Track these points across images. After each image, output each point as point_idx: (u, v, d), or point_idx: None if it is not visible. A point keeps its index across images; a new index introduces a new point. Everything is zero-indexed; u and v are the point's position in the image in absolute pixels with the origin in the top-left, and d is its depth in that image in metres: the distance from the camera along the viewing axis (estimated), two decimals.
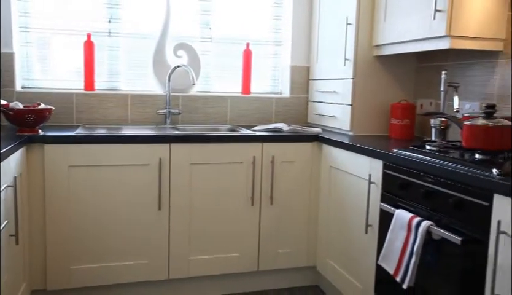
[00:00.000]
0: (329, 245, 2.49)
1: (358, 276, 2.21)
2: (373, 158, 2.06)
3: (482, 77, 2.22)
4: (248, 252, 2.52)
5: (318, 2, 2.95)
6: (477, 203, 1.50)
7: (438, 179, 1.67)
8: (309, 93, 3.11)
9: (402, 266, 1.76)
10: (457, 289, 1.59)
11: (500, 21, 2.08)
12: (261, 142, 2.47)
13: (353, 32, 2.54)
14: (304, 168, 2.57)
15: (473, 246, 1.51)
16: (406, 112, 2.48)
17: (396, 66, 2.64)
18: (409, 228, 1.73)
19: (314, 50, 3.03)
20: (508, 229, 1.38)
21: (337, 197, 2.40)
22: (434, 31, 2.07)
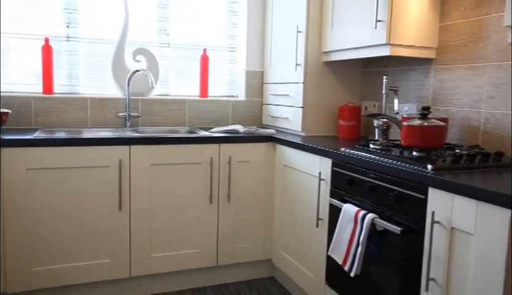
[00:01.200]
0: (284, 239, 2.52)
1: (310, 266, 2.25)
2: (323, 156, 2.11)
3: (419, 82, 2.32)
4: (208, 248, 2.52)
5: (271, 11, 2.98)
6: (414, 196, 1.57)
7: (381, 175, 1.74)
8: (263, 96, 3.13)
9: (349, 256, 1.81)
10: (398, 275, 1.66)
11: (433, 32, 2.18)
12: (218, 143, 2.47)
13: (303, 39, 2.58)
14: (260, 167, 2.59)
15: (411, 235, 1.58)
16: (352, 114, 2.55)
17: (343, 71, 2.71)
18: (356, 221, 1.78)
19: (267, 56, 3.06)
20: (441, 219, 1.45)
21: (290, 194, 2.44)
22: (375, 39, 2.14)
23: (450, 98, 2.12)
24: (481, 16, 1.96)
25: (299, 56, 2.62)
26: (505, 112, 1.86)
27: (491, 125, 1.93)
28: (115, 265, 2.32)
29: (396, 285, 1.66)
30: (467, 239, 1.37)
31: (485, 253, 1.30)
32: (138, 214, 2.33)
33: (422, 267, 1.54)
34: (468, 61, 2.03)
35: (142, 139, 2.31)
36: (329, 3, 2.50)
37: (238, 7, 3.12)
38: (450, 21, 2.12)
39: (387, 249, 1.70)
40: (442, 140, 1.79)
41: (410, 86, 2.37)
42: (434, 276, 1.49)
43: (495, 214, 1.27)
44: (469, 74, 2.02)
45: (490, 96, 1.93)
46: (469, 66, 2.02)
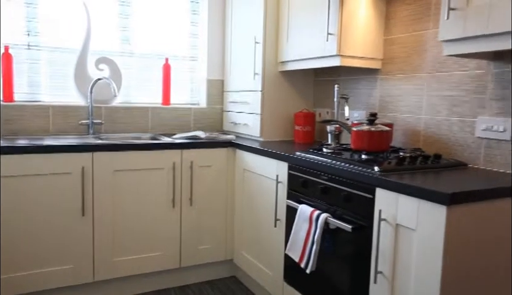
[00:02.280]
0: (244, 239, 2.53)
1: (269, 265, 2.27)
2: (280, 160, 2.14)
3: (367, 90, 2.40)
4: (171, 250, 2.49)
5: (230, 23, 3.00)
6: (363, 196, 1.62)
7: (333, 177, 1.78)
8: (223, 103, 3.14)
9: (305, 254, 1.84)
10: (349, 269, 1.70)
11: (378, 44, 2.26)
12: (180, 149, 2.46)
13: (261, 50, 2.61)
14: (220, 171, 2.60)
15: (361, 232, 1.63)
16: (307, 120, 2.60)
17: (298, 80, 2.77)
18: (311, 221, 1.82)
19: (227, 65, 3.07)
20: (387, 217, 1.51)
21: (250, 196, 2.46)
22: (327, 50, 2.20)
23: (395, 105, 2.21)
24: (420, 31, 2.06)
25: (257, 66, 2.65)
26: (442, 118, 1.96)
27: (430, 129, 2.02)
28: (78, 270, 2.25)
29: (348, 279, 1.71)
30: (410, 235, 1.43)
31: (426, 246, 1.37)
32: (101, 219, 2.28)
33: (370, 261, 1.59)
34: (409, 71, 2.13)
35: (104, 145, 2.26)
36: (284, 17, 2.55)
37: (199, 18, 3.11)
38: (394, 35, 2.21)
39: (340, 246, 1.75)
40: (387, 143, 1.86)
41: (359, 94, 2.45)
42: (381, 269, 1.54)
43: (434, 211, 1.33)
44: (411, 83, 2.12)
45: (429, 104, 2.02)
46: (411, 76, 2.12)
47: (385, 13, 2.26)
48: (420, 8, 2.05)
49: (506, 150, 1.70)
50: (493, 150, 1.75)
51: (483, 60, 1.78)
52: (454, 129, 1.91)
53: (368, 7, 2.20)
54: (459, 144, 1.88)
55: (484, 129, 1.77)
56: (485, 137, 1.77)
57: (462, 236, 1.34)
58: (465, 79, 1.86)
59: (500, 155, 1.73)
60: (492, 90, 1.76)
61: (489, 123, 1.75)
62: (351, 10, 2.15)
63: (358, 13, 2.17)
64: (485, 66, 1.78)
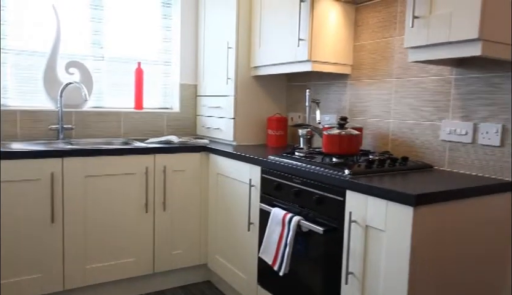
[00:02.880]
0: (218, 243, 2.53)
1: (243, 268, 2.27)
2: (253, 164, 2.15)
3: (337, 95, 2.45)
4: (144, 256, 2.45)
5: (203, 28, 2.99)
6: (334, 199, 1.65)
7: (305, 180, 1.80)
8: (197, 108, 3.13)
9: (278, 256, 1.85)
10: (321, 271, 1.73)
11: (348, 50, 2.31)
12: (153, 154, 2.43)
13: (234, 55, 2.62)
14: (194, 176, 2.59)
15: (332, 234, 1.65)
16: (279, 124, 2.62)
17: (270, 85, 2.79)
18: (283, 224, 1.83)
19: (200, 70, 3.06)
20: (357, 218, 1.54)
21: (223, 200, 2.46)
22: (298, 56, 2.23)
23: (364, 109, 2.26)
24: (388, 37, 2.12)
25: (230, 71, 2.66)
26: (409, 122, 2.01)
27: (398, 133, 2.08)
28: (48, 278, 2.19)
29: (320, 280, 1.73)
30: (379, 235, 1.46)
31: (394, 246, 1.40)
32: (72, 226, 2.23)
33: (342, 262, 1.61)
34: (377, 77, 2.18)
35: (75, 151, 2.21)
36: (256, 22, 2.57)
37: (171, 23, 3.10)
38: (363, 41, 2.27)
39: (312, 248, 1.77)
40: (357, 147, 1.89)
41: (330, 98, 2.49)
42: (352, 270, 1.57)
43: (401, 212, 1.37)
44: (379, 88, 2.17)
45: (396, 108, 2.08)
46: (379, 81, 2.17)
47: (354, 20, 2.31)
48: (387, 15, 2.11)
49: (468, 153, 1.77)
50: (457, 153, 1.81)
51: (447, 66, 1.85)
52: (420, 132, 1.96)
53: (337, 13, 2.25)
54: (425, 147, 1.94)
55: (448, 133, 1.84)
56: (449, 140, 1.84)
57: (428, 236, 1.39)
58: (430, 85, 1.92)
59: (462, 157, 1.79)
60: (454, 95, 1.83)
61: (452, 126, 1.82)
62: (321, 16, 2.19)
63: (328, 19, 2.21)
64: (448, 72, 1.85)
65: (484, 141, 1.71)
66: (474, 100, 1.75)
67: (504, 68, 1.65)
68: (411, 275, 1.36)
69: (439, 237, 1.42)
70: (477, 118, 1.74)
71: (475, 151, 1.74)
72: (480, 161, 1.73)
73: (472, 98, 1.76)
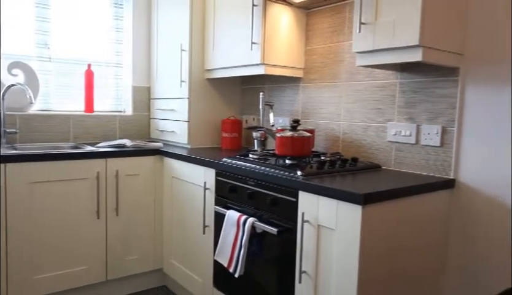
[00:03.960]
0: (174, 247, 2.49)
1: (199, 272, 2.25)
2: (207, 167, 2.14)
3: (290, 98, 2.49)
4: (96, 263, 2.37)
5: (156, 30, 2.95)
6: (287, 200, 1.67)
7: (259, 182, 1.82)
8: (150, 110, 3.07)
9: (234, 258, 1.85)
10: (276, 271, 1.75)
11: (300, 54, 2.36)
12: (105, 158, 2.36)
13: (187, 57, 2.60)
14: (148, 180, 2.54)
15: (286, 234, 1.68)
16: (234, 127, 2.63)
17: (225, 87, 2.79)
18: (238, 226, 1.84)
19: (153, 72, 3.01)
20: (310, 218, 1.57)
21: (178, 204, 2.43)
22: (251, 59, 2.25)
23: (316, 112, 2.32)
24: (337, 42, 2.19)
25: (184, 73, 2.63)
26: (358, 124, 2.09)
27: (348, 134, 2.14)
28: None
29: (275, 280, 1.75)
30: (330, 234, 1.50)
31: (344, 244, 1.45)
32: (16, 234, 2.11)
33: (295, 262, 1.64)
34: (328, 80, 2.24)
35: (18, 156, 2.10)
36: (210, 26, 2.57)
37: (123, 24, 3.03)
38: (314, 45, 2.32)
39: (266, 249, 1.79)
40: (309, 149, 1.94)
41: (283, 101, 2.53)
42: (305, 269, 1.60)
43: (351, 211, 1.42)
44: (330, 91, 2.23)
45: (346, 110, 2.15)
46: (330, 85, 2.23)
47: (305, 24, 2.36)
48: (337, 21, 2.18)
49: (413, 153, 1.85)
50: (402, 153, 1.90)
51: (392, 71, 1.93)
52: (369, 134, 2.04)
53: (289, 18, 2.29)
54: (374, 148, 2.02)
55: (394, 134, 1.92)
56: (395, 141, 1.92)
57: (375, 233, 1.44)
58: (377, 88, 2.00)
59: (407, 157, 1.88)
60: (399, 98, 1.91)
61: (398, 128, 1.90)
62: (274, 20, 2.22)
63: (280, 23, 2.25)
64: (393, 77, 1.93)
65: (426, 141, 1.80)
66: (417, 103, 1.84)
67: (443, 73, 1.75)
68: (360, 270, 1.41)
69: (386, 233, 1.48)
70: (420, 120, 1.83)
71: (418, 151, 1.83)
72: (423, 161, 1.82)
73: (415, 101, 1.85)
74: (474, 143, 1.66)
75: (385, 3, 1.58)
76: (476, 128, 1.65)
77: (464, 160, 1.69)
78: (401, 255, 1.56)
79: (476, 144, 1.66)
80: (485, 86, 1.62)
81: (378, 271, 1.47)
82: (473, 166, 1.66)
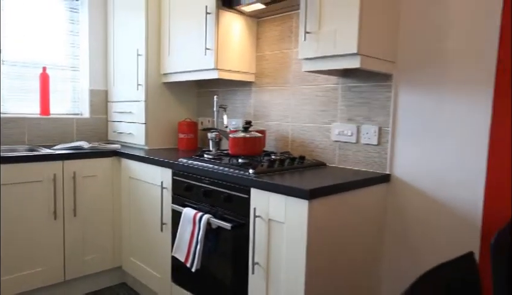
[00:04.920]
0: (132, 245, 2.44)
1: (157, 268, 2.22)
2: (164, 167, 2.11)
3: (243, 100, 2.50)
4: (54, 264, 2.27)
5: (113, 35, 2.86)
6: (240, 196, 1.69)
7: (213, 180, 1.82)
8: (108, 113, 2.98)
9: (190, 254, 1.84)
10: (231, 264, 1.75)
11: (251, 60, 2.38)
12: (61, 160, 2.26)
13: (143, 62, 2.55)
14: (106, 181, 2.46)
15: (240, 229, 1.69)
16: (190, 128, 2.60)
17: (181, 91, 2.76)
18: (194, 222, 1.83)
19: (110, 76, 2.92)
20: (261, 213, 1.59)
21: (136, 203, 2.37)
22: (206, 64, 2.24)
23: (267, 114, 2.35)
24: (285, 49, 2.23)
25: (140, 77, 2.57)
26: (305, 125, 2.14)
27: (296, 134, 2.19)
28: None
29: (230, 272, 1.76)
30: (280, 227, 1.53)
31: (293, 236, 1.48)
32: None
33: (248, 254, 1.66)
34: (277, 84, 2.28)
35: None
36: (166, 32, 2.53)
37: (79, 28, 2.91)
38: (264, 52, 2.35)
39: (222, 243, 1.79)
40: (261, 148, 1.96)
41: (236, 104, 2.54)
42: (258, 260, 1.62)
43: (298, 205, 1.45)
44: (279, 94, 2.27)
45: (294, 112, 2.19)
46: (279, 89, 2.27)
47: (256, 32, 2.38)
48: (285, 30, 2.22)
49: (354, 151, 1.93)
50: (345, 151, 1.97)
51: (335, 76, 2.00)
52: (315, 134, 2.09)
53: (241, 26, 2.30)
54: (319, 147, 2.08)
55: (337, 134, 1.98)
56: (338, 140, 1.99)
57: (321, 225, 1.49)
58: (322, 92, 2.06)
59: (349, 155, 1.95)
60: (341, 101, 1.98)
61: (341, 128, 1.97)
62: (226, 28, 2.23)
63: (232, 31, 2.26)
64: (336, 81, 2.00)
65: (365, 140, 1.88)
66: (357, 105, 1.91)
67: (379, 79, 1.83)
68: (308, 260, 1.45)
69: (331, 225, 1.53)
70: (360, 121, 1.90)
71: (359, 149, 1.91)
72: (363, 158, 1.90)
73: (355, 104, 1.92)
74: (406, 142, 1.75)
75: (327, 15, 1.63)
76: (408, 128, 1.74)
77: (398, 157, 1.78)
78: (345, 244, 1.62)
79: (407, 142, 1.75)
80: (415, 90, 1.72)
81: (324, 260, 1.52)
82: (406, 162, 1.76)
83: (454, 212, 1.62)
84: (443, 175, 1.64)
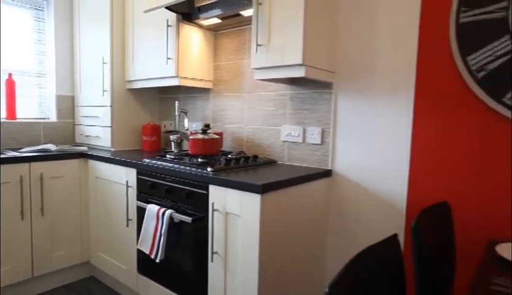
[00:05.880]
0: (100, 241, 2.33)
1: (124, 260, 2.14)
2: (129, 167, 2.04)
3: (202, 105, 2.48)
4: (21, 262, 2.13)
5: (79, 43, 2.72)
6: (200, 192, 1.67)
7: (175, 178, 1.78)
8: (75, 117, 2.83)
9: (155, 246, 1.80)
10: (192, 253, 1.73)
11: (209, 69, 2.36)
12: (28, 162, 2.12)
13: (109, 70, 2.45)
14: (73, 181, 2.34)
15: (200, 222, 1.67)
16: (153, 131, 2.53)
17: (145, 96, 2.68)
18: (158, 217, 1.79)
19: (77, 82, 2.78)
20: (219, 207, 1.58)
21: (103, 201, 2.28)
22: (167, 72, 2.19)
23: (224, 117, 2.33)
24: (240, 60, 2.23)
25: (106, 84, 2.47)
26: (258, 127, 2.15)
27: (250, 136, 2.20)
28: None
29: (192, 261, 1.73)
30: (236, 220, 1.53)
31: (247, 227, 1.48)
32: None
33: (208, 244, 1.64)
34: (233, 91, 2.27)
35: None
36: (130, 42, 2.44)
37: (45, 37, 2.74)
38: (221, 62, 2.33)
39: (183, 236, 1.76)
40: (218, 148, 1.95)
41: (196, 108, 2.51)
42: (216, 250, 1.61)
43: (252, 199, 1.46)
44: (235, 100, 2.27)
45: (249, 116, 2.20)
46: (235, 95, 2.27)
47: (214, 44, 2.36)
48: (239, 42, 2.22)
49: (301, 150, 1.96)
50: (293, 150, 2.00)
51: (283, 84, 2.02)
52: (267, 135, 2.11)
53: (200, 38, 2.27)
54: (271, 146, 2.09)
55: (286, 135, 2.01)
56: (287, 141, 2.01)
57: (272, 216, 1.50)
58: (273, 98, 2.08)
59: (297, 154, 1.98)
60: (289, 106, 2.01)
61: (289, 130, 2.00)
62: (186, 39, 2.19)
63: (192, 42, 2.22)
64: (285, 89, 2.02)
65: (310, 140, 1.92)
66: (303, 110, 1.95)
67: (322, 86, 1.87)
68: (261, 247, 1.46)
69: (281, 215, 1.55)
70: (306, 123, 1.94)
71: (305, 148, 1.95)
72: (309, 156, 1.94)
73: (301, 108, 1.96)
74: (344, 141, 1.81)
75: (276, 30, 1.65)
76: (346, 129, 1.80)
77: (338, 154, 1.84)
78: (294, 232, 1.64)
79: (345, 141, 1.81)
80: (351, 97, 1.78)
81: (275, 247, 1.54)
82: (344, 159, 1.81)
83: (384, 201, 1.70)
84: (374, 169, 1.71)
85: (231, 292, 1.57)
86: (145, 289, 1.98)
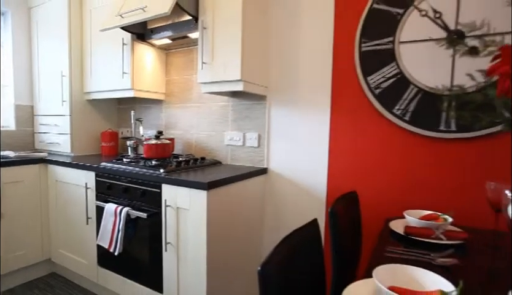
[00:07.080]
0: (61, 239, 2.17)
1: (84, 256, 2.01)
2: (88, 170, 1.92)
3: (156, 115, 2.41)
4: None
5: (37, 56, 2.50)
6: (154, 191, 1.62)
7: (131, 179, 1.72)
8: (34, 125, 2.59)
9: (113, 241, 1.72)
10: (148, 245, 1.68)
11: (162, 82, 2.30)
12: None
13: (68, 82, 2.28)
14: (33, 185, 2.14)
15: (154, 217, 1.63)
16: (111, 137, 2.41)
17: (103, 106, 2.54)
18: (116, 215, 1.71)
19: (36, 92, 2.54)
20: (171, 203, 1.56)
21: (63, 202, 2.12)
22: (123, 85, 2.10)
23: (176, 125, 2.29)
24: (188, 75, 2.20)
25: (65, 95, 2.30)
26: (205, 133, 2.14)
27: (199, 140, 2.18)
28: None
29: (148, 252, 1.68)
30: (186, 214, 1.52)
31: (195, 220, 1.48)
32: None
33: (162, 236, 1.61)
34: (183, 102, 2.24)
35: None
36: (87, 56, 2.30)
37: (3, 50, 2.48)
38: (172, 76, 2.29)
39: (140, 230, 1.70)
40: (170, 152, 1.91)
41: (150, 117, 2.43)
42: (170, 240, 1.58)
43: (199, 195, 1.45)
44: (185, 110, 2.24)
45: (197, 124, 2.18)
46: (184, 106, 2.24)
47: (165, 60, 2.31)
48: (188, 60, 2.19)
49: (241, 152, 1.99)
50: (235, 152, 2.02)
51: (226, 96, 2.04)
52: (213, 140, 2.11)
53: (153, 55, 2.21)
54: (216, 149, 2.10)
55: (229, 139, 2.03)
56: (230, 144, 2.03)
57: (217, 210, 1.51)
58: (217, 108, 2.08)
59: (238, 155, 2.01)
60: (231, 115, 2.03)
61: (231, 136, 2.02)
62: (140, 56, 2.12)
63: (146, 59, 2.16)
64: (227, 100, 2.04)
65: (249, 143, 1.95)
66: (243, 118, 1.98)
67: (258, 99, 1.92)
68: (208, 237, 1.46)
69: (224, 208, 1.57)
70: (245, 129, 1.98)
71: (245, 151, 1.98)
72: (248, 157, 1.97)
73: (241, 117, 1.99)
74: (276, 144, 1.88)
75: (219, 50, 1.66)
76: (277, 134, 1.87)
77: (272, 155, 1.90)
78: (236, 222, 1.67)
79: (277, 144, 1.87)
80: (281, 107, 1.85)
81: (220, 236, 1.55)
82: (276, 158, 1.88)
83: (309, 192, 1.78)
84: (300, 167, 1.80)
85: (183, 276, 1.55)
86: (105, 280, 1.88)
